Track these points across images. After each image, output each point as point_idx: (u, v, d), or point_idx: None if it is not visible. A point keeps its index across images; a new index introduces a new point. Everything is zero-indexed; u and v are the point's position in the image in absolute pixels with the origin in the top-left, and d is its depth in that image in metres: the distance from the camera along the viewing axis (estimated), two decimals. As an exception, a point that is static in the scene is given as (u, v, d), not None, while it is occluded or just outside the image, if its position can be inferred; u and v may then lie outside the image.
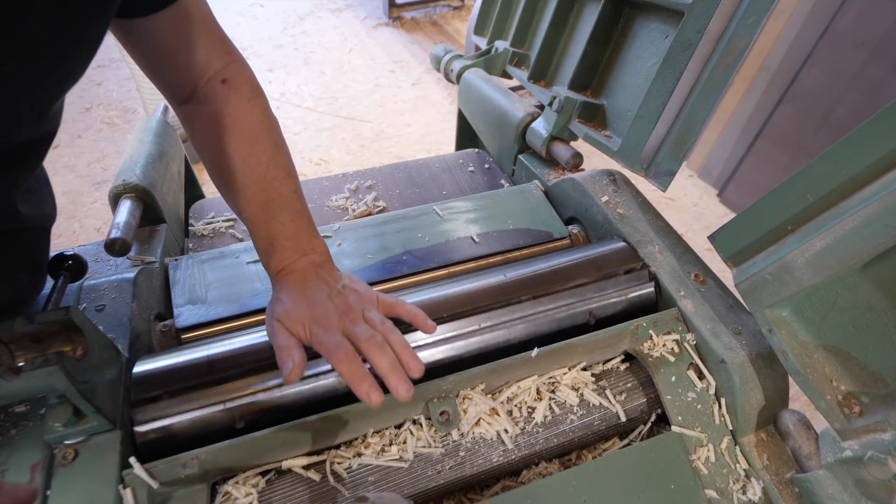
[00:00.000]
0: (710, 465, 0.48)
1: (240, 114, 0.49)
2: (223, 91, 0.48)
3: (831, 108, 1.62)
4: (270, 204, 0.49)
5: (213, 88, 0.48)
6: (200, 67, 0.47)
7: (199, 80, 0.48)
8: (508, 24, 1.07)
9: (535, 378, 0.52)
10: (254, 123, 0.49)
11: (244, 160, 0.48)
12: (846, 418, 0.43)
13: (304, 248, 0.49)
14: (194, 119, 0.49)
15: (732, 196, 2.00)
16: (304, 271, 0.48)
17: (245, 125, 0.49)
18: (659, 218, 0.68)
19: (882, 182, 0.39)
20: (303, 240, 0.49)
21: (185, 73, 0.47)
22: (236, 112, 0.49)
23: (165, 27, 0.44)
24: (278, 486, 0.45)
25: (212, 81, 0.48)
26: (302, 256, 0.49)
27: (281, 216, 0.49)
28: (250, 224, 0.50)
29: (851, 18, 1.52)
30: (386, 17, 3.26)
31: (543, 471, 0.51)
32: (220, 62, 0.48)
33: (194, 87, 0.48)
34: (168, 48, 0.46)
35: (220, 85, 0.48)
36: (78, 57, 0.37)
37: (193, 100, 0.49)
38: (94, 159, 2.12)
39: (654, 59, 0.66)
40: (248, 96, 0.49)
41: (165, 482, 0.42)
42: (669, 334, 0.54)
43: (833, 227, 0.41)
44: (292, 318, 0.45)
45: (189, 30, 0.46)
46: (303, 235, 0.50)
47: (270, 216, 0.49)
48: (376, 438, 0.48)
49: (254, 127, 0.49)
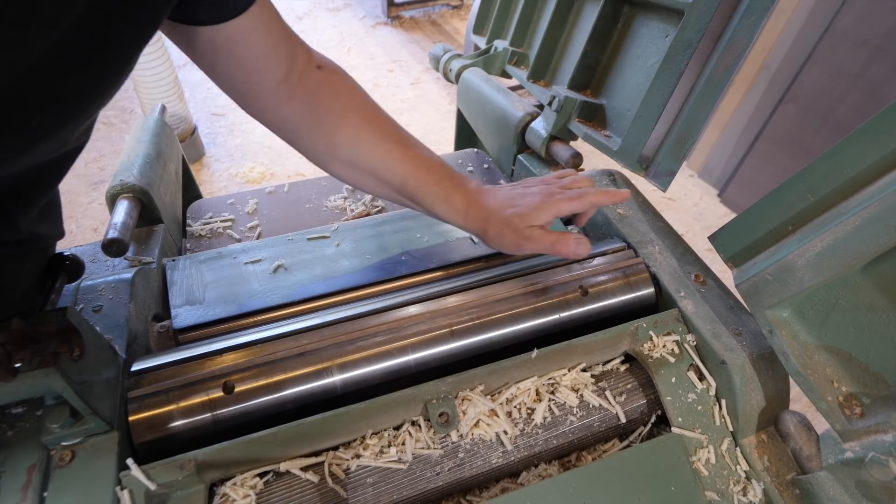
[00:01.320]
0: (710, 466, 0.48)
1: (353, 90, 0.51)
2: (325, 76, 0.49)
3: (832, 108, 1.62)
4: (423, 154, 0.52)
5: (314, 77, 0.49)
6: (292, 62, 0.47)
7: (293, 74, 0.48)
8: (508, 23, 1.06)
9: (535, 379, 0.52)
10: (365, 95, 0.52)
11: (381, 128, 0.51)
12: (847, 420, 0.43)
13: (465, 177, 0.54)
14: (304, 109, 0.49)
15: (733, 196, 2.00)
16: (488, 189, 0.54)
17: (362, 98, 0.51)
18: (659, 218, 0.67)
19: (883, 182, 0.39)
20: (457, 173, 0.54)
21: (278, 72, 0.47)
22: (350, 90, 0.50)
23: (260, 28, 0.43)
24: (276, 487, 0.45)
25: (306, 72, 0.48)
26: (472, 182, 0.54)
27: (437, 161, 0.53)
28: (412, 180, 0.52)
29: (852, 18, 1.51)
30: (385, 17, 3.26)
31: (543, 472, 0.51)
32: (303, 50, 0.49)
33: (290, 83, 0.48)
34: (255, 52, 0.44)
35: (317, 71, 0.49)
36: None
37: (293, 95, 0.48)
38: (91, 159, 2.12)
39: (655, 59, 0.66)
40: (344, 74, 0.51)
41: (163, 484, 0.42)
42: (669, 335, 0.54)
43: (834, 227, 0.41)
44: (534, 212, 0.50)
45: (273, 27, 0.45)
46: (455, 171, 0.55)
47: (430, 165, 0.52)
48: (375, 440, 0.47)
49: (367, 98, 0.52)
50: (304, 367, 0.49)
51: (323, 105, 0.49)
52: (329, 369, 0.49)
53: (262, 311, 0.57)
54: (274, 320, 0.56)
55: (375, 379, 0.50)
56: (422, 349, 0.52)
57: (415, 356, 0.51)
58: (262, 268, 0.62)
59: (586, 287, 0.57)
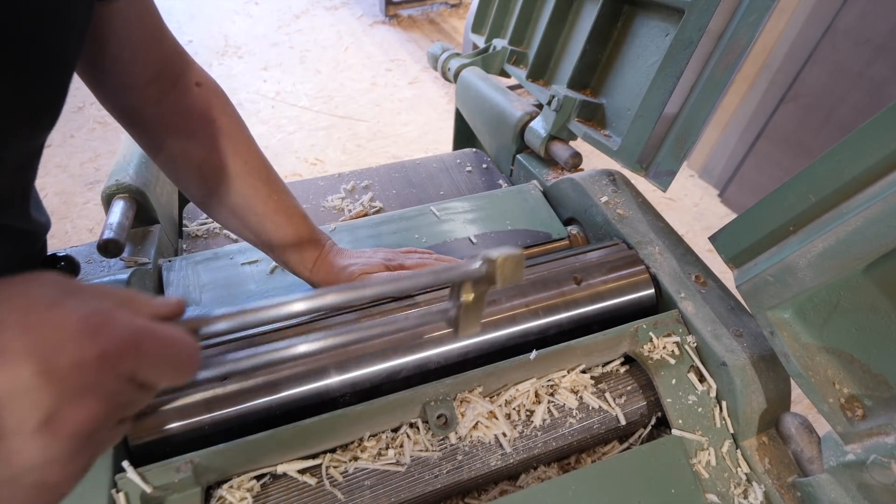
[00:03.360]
0: (710, 468, 0.48)
1: (231, 118, 0.49)
2: (203, 93, 0.47)
3: (834, 108, 1.61)
4: (287, 200, 0.51)
5: (191, 91, 0.47)
6: (165, 66, 0.46)
7: (164, 80, 0.46)
8: (507, 21, 1.06)
9: (534, 381, 0.51)
10: (243, 125, 0.50)
11: (251, 163, 0.49)
12: (849, 422, 0.43)
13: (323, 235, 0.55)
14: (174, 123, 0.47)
15: (733, 196, 1.99)
16: (341, 249, 0.56)
17: (237, 127, 0.49)
18: (659, 218, 0.67)
19: (885, 182, 0.38)
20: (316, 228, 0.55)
21: (147, 71, 0.45)
22: (227, 116, 0.48)
23: (132, 17, 0.42)
24: (273, 490, 0.45)
25: (182, 84, 0.47)
26: (329, 240, 0.56)
27: (299, 210, 0.52)
28: (270, 223, 0.50)
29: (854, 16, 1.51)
30: (382, 15, 3.26)
31: (542, 475, 0.51)
32: (184, 62, 0.47)
33: (162, 89, 0.46)
34: (136, 40, 0.43)
35: (195, 87, 0.47)
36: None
37: (161, 101, 0.46)
38: (87, 159, 2.12)
39: (655, 58, 0.66)
40: (226, 100, 0.49)
41: (159, 486, 0.41)
42: (670, 336, 0.53)
43: (836, 227, 0.40)
44: (373, 267, 0.52)
45: (148, 22, 0.44)
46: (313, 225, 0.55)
47: (292, 212, 0.51)
48: (373, 442, 0.47)
49: (244, 130, 0.50)
50: (302, 369, 0.48)
51: (194, 121, 0.47)
52: (327, 371, 0.49)
53: (260, 312, 0.57)
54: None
55: (373, 380, 0.50)
56: (420, 350, 0.51)
57: (413, 357, 0.51)
58: (258, 268, 0.62)
59: (586, 288, 0.56)
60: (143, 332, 0.23)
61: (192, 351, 0.26)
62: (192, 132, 0.47)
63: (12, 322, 0.20)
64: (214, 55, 2.87)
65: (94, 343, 0.21)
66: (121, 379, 0.22)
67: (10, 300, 0.21)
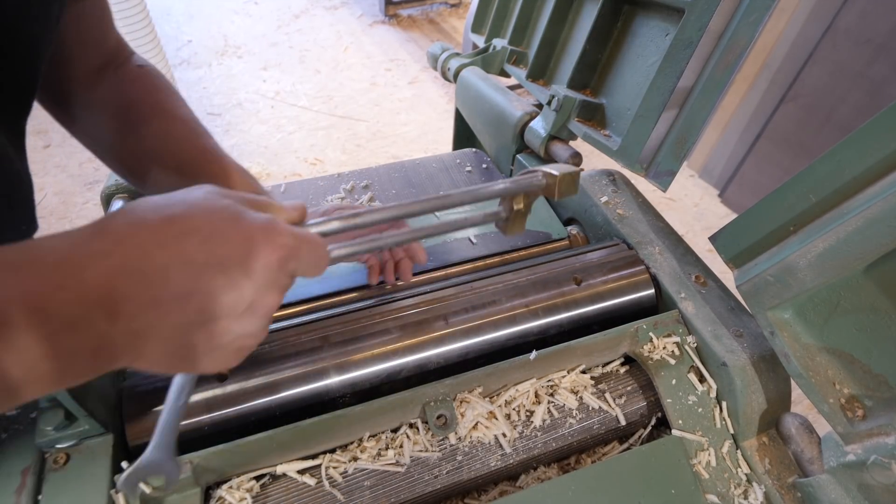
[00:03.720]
0: (711, 469, 0.48)
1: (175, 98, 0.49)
2: (143, 72, 0.48)
3: (834, 107, 1.61)
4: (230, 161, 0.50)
5: (133, 70, 0.48)
6: (113, 55, 0.47)
7: (109, 66, 0.47)
8: (507, 21, 1.06)
9: (534, 381, 0.51)
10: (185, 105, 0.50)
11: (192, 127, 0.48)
12: (849, 422, 0.43)
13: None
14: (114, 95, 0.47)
15: (734, 196, 1.99)
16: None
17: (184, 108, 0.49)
18: (659, 219, 0.67)
19: (886, 182, 0.38)
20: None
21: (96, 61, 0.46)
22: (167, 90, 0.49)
23: (92, 15, 0.44)
24: (273, 490, 0.45)
25: (124, 66, 0.48)
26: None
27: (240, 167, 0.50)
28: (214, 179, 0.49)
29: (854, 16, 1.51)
30: (382, 15, 3.26)
31: (542, 475, 0.51)
32: (126, 50, 0.49)
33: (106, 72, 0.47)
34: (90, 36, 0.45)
35: (137, 67, 0.48)
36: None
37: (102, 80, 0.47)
38: (86, 159, 2.12)
39: (655, 58, 0.66)
40: (165, 78, 0.50)
41: (158, 486, 0.41)
42: (670, 337, 0.53)
43: (836, 227, 0.40)
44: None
45: (108, 20, 0.46)
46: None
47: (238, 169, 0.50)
48: (372, 442, 0.47)
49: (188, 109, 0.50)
50: (302, 370, 0.48)
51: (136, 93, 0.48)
52: (326, 371, 0.49)
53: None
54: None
55: (373, 381, 0.50)
56: (420, 351, 0.51)
57: (413, 358, 0.51)
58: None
59: (586, 288, 0.56)
60: (300, 238, 0.30)
61: (326, 251, 0.33)
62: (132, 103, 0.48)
63: (210, 232, 0.27)
64: (214, 55, 2.87)
65: (273, 250, 0.28)
66: (288, 275, 0.30)
67: (200, 212, 0.27)
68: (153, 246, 0.26)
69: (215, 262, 0.27)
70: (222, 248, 0.27)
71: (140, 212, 0.27)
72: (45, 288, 0.23)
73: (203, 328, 0.27)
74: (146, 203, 0.27)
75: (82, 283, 0.24)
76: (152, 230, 0.26)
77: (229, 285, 0.27)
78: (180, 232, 0.26)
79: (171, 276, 0.26)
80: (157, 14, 2.82)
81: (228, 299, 0.27)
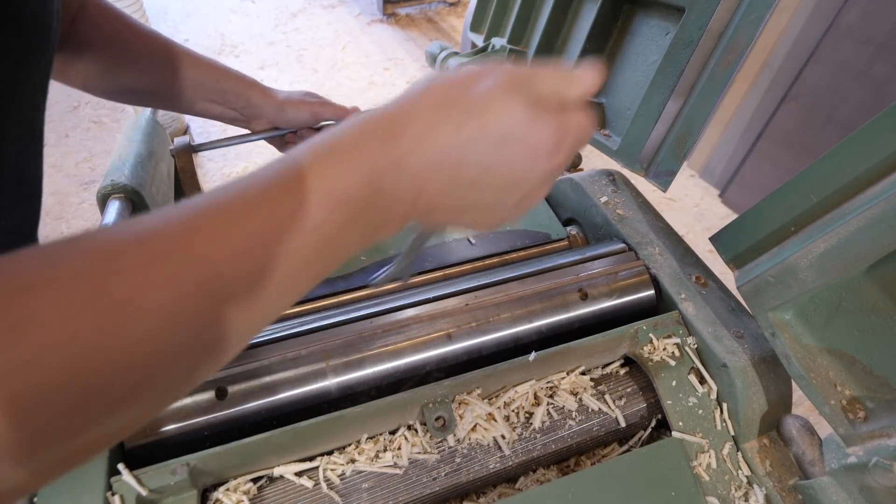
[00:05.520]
0: (711, 471, 0.48)
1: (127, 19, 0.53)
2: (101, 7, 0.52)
3: (836, 107, 1.61)
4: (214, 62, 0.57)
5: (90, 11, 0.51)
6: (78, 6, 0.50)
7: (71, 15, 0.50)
8: (506, 20, 1.06)
9: (533, 382, 0.51)
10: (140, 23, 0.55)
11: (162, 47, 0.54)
12: (851, 424, 0.42)
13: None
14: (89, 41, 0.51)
15: (734, 196, 1.98)
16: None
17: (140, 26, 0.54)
18: (659, 219, 0.67)
19: (888, 182, 0.38)
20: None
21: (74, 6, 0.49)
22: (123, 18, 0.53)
23: None
24: (270, 493, 0.44)
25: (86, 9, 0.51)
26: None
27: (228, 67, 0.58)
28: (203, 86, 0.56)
29: (856, 14, 1.50)
30: (380, 14, 3.24)
31: (541, 477, 0.51)
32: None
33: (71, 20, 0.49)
34: None
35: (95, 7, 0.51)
36: None
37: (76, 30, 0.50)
38: (82, 159, 2.11)
39: (655, 57, 0.65)
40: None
41: (154, 489, 0.41)
42: (670, 338, 0.53)
43: (837, 228, 0.40)
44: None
45: None
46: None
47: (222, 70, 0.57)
48: (370, 444, 0.47)
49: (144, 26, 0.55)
50: (299, 371, 0.48)
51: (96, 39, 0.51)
52: (324, 373, 0.48)
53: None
54: (269, 322, 0.56)
55: (371, 382, 0.50)
56: (418, 352, 0.51)
57: (411, 359, 0.51)
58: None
59: (585, 289, 0.56)
60: (590, 125, 0.31)
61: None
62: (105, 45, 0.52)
63: (528, 119, 0.28)
64: (211, 54, 2.84)
65: (574, 134, 0.30)
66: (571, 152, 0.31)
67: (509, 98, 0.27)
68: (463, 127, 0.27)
69: (526, 158, 0.29)
70: (537, 135, 0.28)
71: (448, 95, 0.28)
72: (379, 172, 0.26)
73: (489, 214, 0.31)
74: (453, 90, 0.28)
75: (406, 167, 0.26)
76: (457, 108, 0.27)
77: (529, 182, 0.30)
78: (495, 117, 0.27)
79: (480, 158, 0.28)
80: (153, 13, 2.82)
81: (524, 191, 0.30)
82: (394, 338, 0.51)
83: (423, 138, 0.26)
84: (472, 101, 0.27)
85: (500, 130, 0.27)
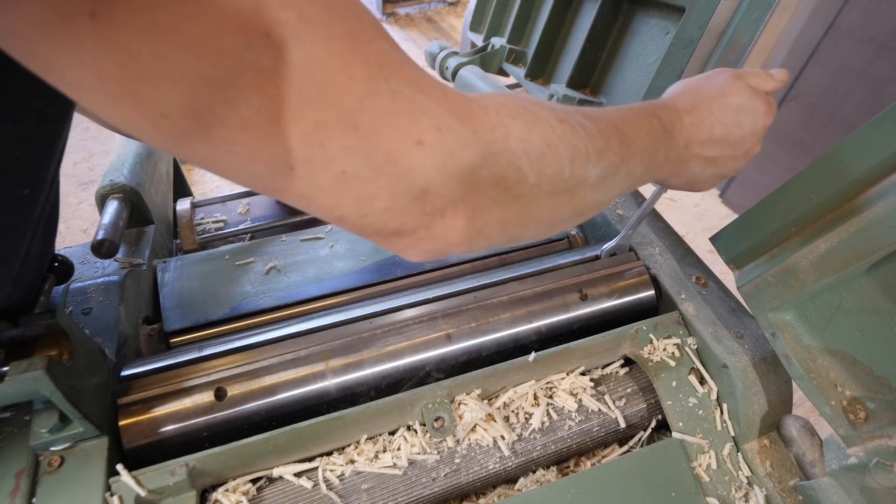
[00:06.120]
0: (711, 472, 0.47)
1: None
2: None
3: (836, 107, 1.60)
4: None
5: None
6: None
7: None
8: (505, 20, 1.06)
9: (533, 383, 0.51)
10: None
11: None
12: (851, 424, 0.42)
13: None
14: None
15: (735, 197, 1.98)
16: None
17: None
18: (659, 219, 0.66)
19: (888, 182, 0.38)
20: None
21: None
22: None
23: None
24: (269, 493, 0.44)
25: None
26: None
27: None
28: None
29: (857, 15, 1.50)
30: (380, 14, 3.25)
31: (541, 478, 0.50)
32: None
33: None
34: None
35: None
36: None
37: None
38: (81, 159, 2.11)
39: (655, 57, 0.65)
40: None
41: (153, 490, 0.41)
42: (670, 338, 0.53)
43: (838, 228, 0.40)
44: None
45: None
46: None
47: None
48: (369, 445, 0.47)
49: None
50: (298, 371, 0.48)
51: None
52: (323, 373, 0.48)
53: (255, 314, 0.57)
54: (266, 323, 0.56)
55: (370, 383, 0.49)
56: (417, 352, 0.51)
57: (410, 359, 0.50)
58: (254, 269, 0.61)
59: (585, 289, 0.56)
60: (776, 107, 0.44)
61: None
62: None
63: (747, 99, 0.41)
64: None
65: (771, 116, 0.42)
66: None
67: (738, 87, 0.41)
68: (718, 108, 0.40)
69: (750, 120, 0.41)
70: (757, 105, 0.41)
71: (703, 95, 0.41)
72: (673, 124, 0.39)
73: (722, 165, 0.42)
74: (703, 90, 0.42)
75: (682, 126, 0.39)
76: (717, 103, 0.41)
77: (751, 138, 0.41)
78: (738, 102, 0.41)
79: (726, 129, 0.40)
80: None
81: (748, 146, 0.42)
82: (393, 338, 0.51)
83: (692, 111, 0.40)
84: (717, 88, 0.41)
85: (735, 103, 0.40)
